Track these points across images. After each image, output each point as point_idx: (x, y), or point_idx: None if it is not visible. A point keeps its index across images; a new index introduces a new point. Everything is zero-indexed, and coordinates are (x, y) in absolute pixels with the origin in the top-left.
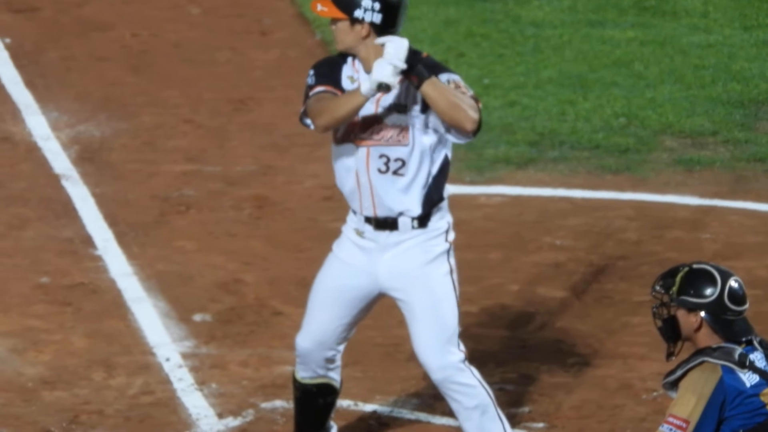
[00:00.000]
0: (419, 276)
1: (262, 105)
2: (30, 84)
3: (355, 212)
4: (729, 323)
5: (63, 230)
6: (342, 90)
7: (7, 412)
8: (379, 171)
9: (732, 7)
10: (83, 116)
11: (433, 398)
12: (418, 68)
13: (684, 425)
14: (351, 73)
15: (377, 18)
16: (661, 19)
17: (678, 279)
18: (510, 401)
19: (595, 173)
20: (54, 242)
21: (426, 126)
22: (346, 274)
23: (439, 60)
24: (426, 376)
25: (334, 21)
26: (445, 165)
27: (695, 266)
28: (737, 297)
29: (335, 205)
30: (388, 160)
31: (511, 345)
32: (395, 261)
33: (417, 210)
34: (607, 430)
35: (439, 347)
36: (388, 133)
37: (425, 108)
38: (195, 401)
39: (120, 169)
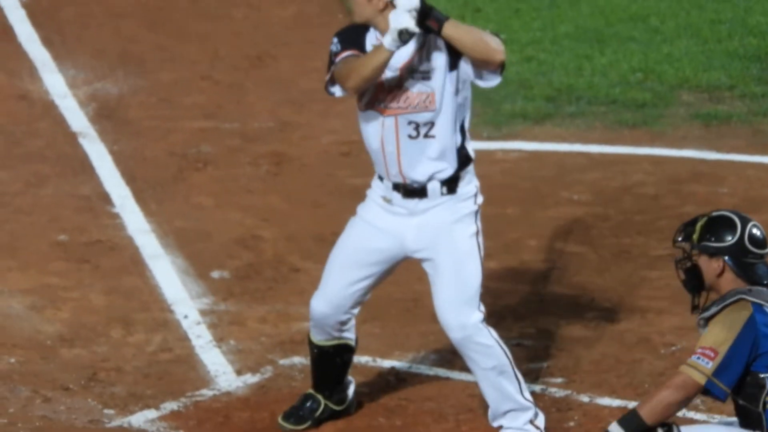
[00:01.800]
0: (446, 235)
1: (279, 61)
2: (47, 41)
3: (382, 179)
4: (751, 266)
5: (81, 187)
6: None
7: (26, 370)
8: (410, 137)
9: None
10: (100, 73)
11: (451, 354)
12: (434, 12)
13: (712, 354)
14: (375, 41)
15: None
16: None
17: (698, 227)
18: (528, 356)
19: (612, 128)
20: (72, 199)
21: (453, 85)
22: (372, 236)
23: (456, 15)
24: (444, 333)
25: None
26: (465, 127)
27: (714, 214)
28: (758, 240)
29: (353, 161)
30: (418, 125)
31: (529, 300)
32: (424, 223)
33: (450, 170)
34: (626, 384)
35: (459, 306)
36: (415, 100)
37: (452, 66)
38: (213, 358)
39: (137, 126)
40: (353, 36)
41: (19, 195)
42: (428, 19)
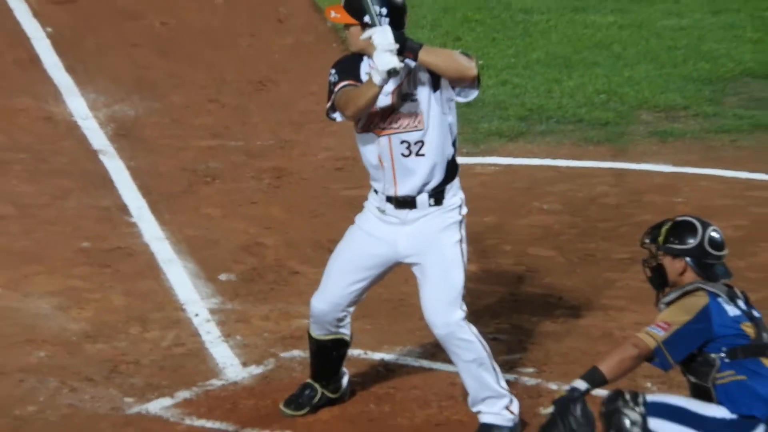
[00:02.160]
0: (433, 243)
1: (279, 85)
2: (70, 68)
3: (377, 192)
4: (710, 267)
5: (101, 200)
6: (361, 83)
7: (53, 363)
8: (403, 155)
9: None
10: (118, 97)
11: (434, 347)
12: (408, 43)
13: (666, 326)
14: (368, 69)
15: (385, 22)
16: (638, 5)
17: (663, 230)
18: (503, 350)
19: (578, 144)
20: (93, 211)
21: (439, 104)
22: (367, 243)
23: (439, 43)
24: (428, 329)
25: (347, 26)
26: (455, 142)
27: (678, 219)
28: (717, 243)
29: (346, 175)
30: (410, 144)
31: (505, 299)
32: (413, 232)
33: (437, 184)
34: None
35: (444, 306)
36: (405, 121)
37: (435, 87)
38: (222, 352)
39: (152, 144)
40: (349, 66)
41: (45, 207)
42: (405, 51)
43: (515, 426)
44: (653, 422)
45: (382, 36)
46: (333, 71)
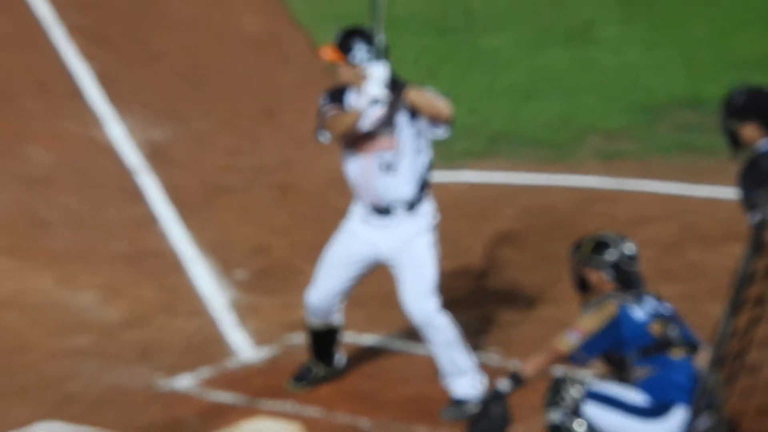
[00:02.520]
0: (408, 245)
1: (285, 113)
2: (110, 100)
3: (359, 200)
4: (626, 278)
5: (135, 210)
6: (345, 110)
7: (95, 348)
8: (380, 171)
9: (638, 35)
10: (150, 123)
11: (415, 333)
12: (398, 83)
13: (579, 333)
14: (352, 96)
15: (369, 58)
16: (586, 45)
17: (586, 245)
18: (473, 335)
19: (537, 162)
20: (128, 219)
21: (411, 131)
22: (353, 242)
23: (419, 76)
24: (408, 318)
25: (336, 62)
26: (428, 162)
27: (599, 234)
28: (630, 258)
29: (340, 188)
30: (386, 163)
31: (476, 292)
32: (391, 236)
33: (410, 196)
34: None
35: (419, 297)
36: (383, 143)
37: (412, 116)
38: (237, 337)
39: (178, 162)
40: (336, 94)
41: (88, 215)
42: (394, 89)
43: (483, 398)
44: (589, 407)
45: (378, 70)
46: (323, 96)
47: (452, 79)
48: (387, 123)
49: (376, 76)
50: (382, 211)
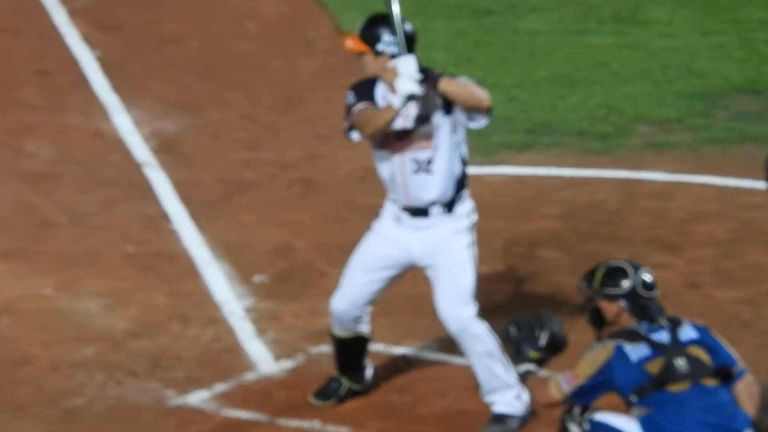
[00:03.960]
0: (445, 246)
1: (307, 103)
2: (116, 89)
3: (393, 201)
4: (644, 307)
5: (145, 208)
6: (376, 105)
7: (101, 359)
8: (414, 171)
9: (692, 17)
10: (160, 114)
11: (450, 342)
12: (430, 73)
13: (573, 379)
14: (383, 91)
15: (396, 50)
16: (634, 28)
17: (598, 275)
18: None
19: (580, 155)
20: (138, 218)
21: (449, 127)
22: (384, 247)
23: (452, 63)
24: (443, 325)
25: (361, 54)
26: (464, 159)
27: (611, 263)
28: (648, 285)
29: (368, 185)
30: (420, 162)
31: (514, 298)
32: (426, 238)
33: (447, 196)
34: None
35: (456, 303)
36: (417, 142)
37: (447, 111)
38: (256, 347)
39: (191, 157)
40: (364, 89)
41: (94, 215)
42: (426, 81)
43: (525, 415)
44: None
45: (407, 64)
46: (350, 93)
47: (488, 65)
48: (422, 120)
49: (406, 71)
50: (418, 212)
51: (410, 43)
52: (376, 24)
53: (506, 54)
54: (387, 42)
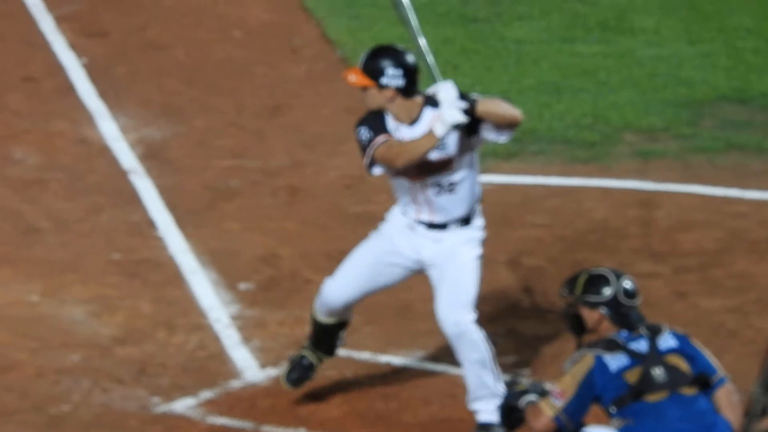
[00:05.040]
0: (456, 253)
1: (293, 110)
2: (102, 95)
3: (409, 211)
4: (625, 315)
5: (131, 215)
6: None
7: (86, 366)
8: (436, 194)
9: (679, 25)
10: (146, 121)
11: (436, 350)
12: (467, 97)
13: (561, 394)
14: (392, 122)
15: (401, 82)
16: (621, 36)
17: (579, 282)
18: (499, 351)
19: (567, 163)
20: (124, 225)
21: (469, 147)
22: (393, 251)
23: (439, 70)
24: (431, 332)
25: (365, 88)
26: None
27: (593, 271)
28: (630, 293)
29: (355, 192)
30: (441, 184)
31: (500, 305)
32: (440, 247)
33: (465, 213)
34: None
35: (457, 306)
36: (437, 166)
37: (469, 133)
38: (241, 355)
39: (177, 164)
40: (377, 123)
41: (80, 221)
42: (466, 107)
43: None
44: None
45: (450, 92)
46: (362, 129)
47: (475, 73)
48: (442, 144)
49: (449, 97)
50: (435, 227)
51: (413, 76)
52: (378, 57)
53: (493, 62)
54: (391, 75)
